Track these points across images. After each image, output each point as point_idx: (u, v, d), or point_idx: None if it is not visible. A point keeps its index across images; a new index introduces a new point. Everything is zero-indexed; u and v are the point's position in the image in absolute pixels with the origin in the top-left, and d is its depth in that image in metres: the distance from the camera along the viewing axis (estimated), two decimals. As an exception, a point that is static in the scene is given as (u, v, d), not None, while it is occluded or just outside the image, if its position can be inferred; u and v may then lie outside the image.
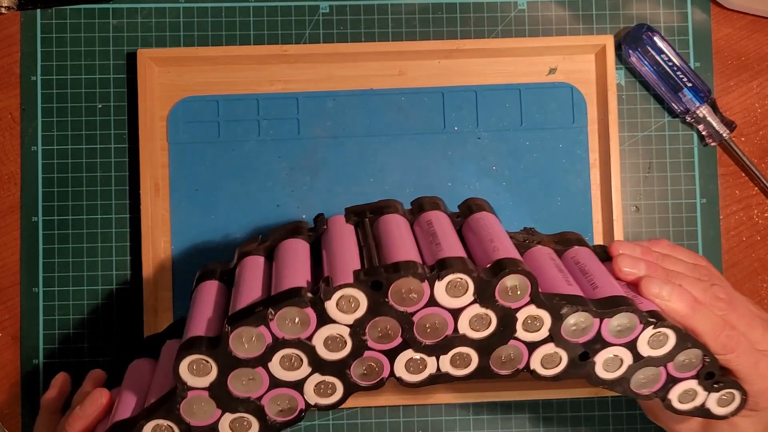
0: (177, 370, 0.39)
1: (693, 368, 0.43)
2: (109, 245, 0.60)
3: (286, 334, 0.39)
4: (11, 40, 0.61)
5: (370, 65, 0.61)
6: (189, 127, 0.60)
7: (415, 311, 0.40)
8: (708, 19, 0.63)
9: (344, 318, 0.39)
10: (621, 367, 0.43)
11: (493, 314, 0.40)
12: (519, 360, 0.42)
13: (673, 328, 0.42)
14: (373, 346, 0.40)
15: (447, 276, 0.39)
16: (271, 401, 0.41)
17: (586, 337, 0.41)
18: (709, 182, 0.62)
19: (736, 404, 0.44)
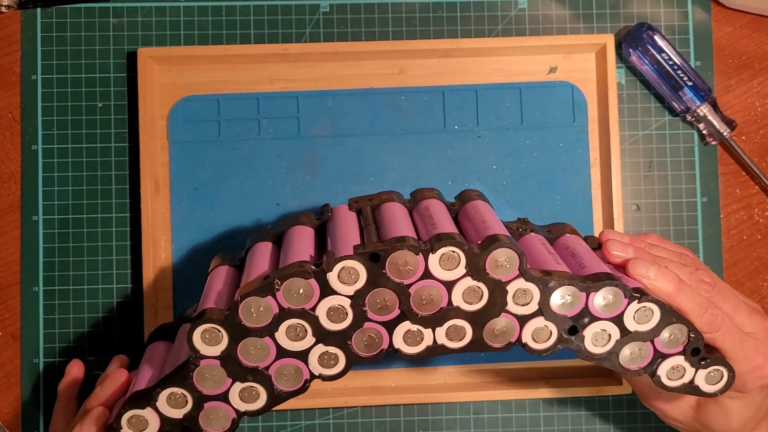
0: (191, 339, 0.42)
1: (679, 344, 0.44)
2: (109, 244, 0.60)
3: (291, 305, 0.42)
4: (11, 39, 0.61)
5: (371, 64, 0.61)
6: (189, 126, 0.60)
7: (411, 283, 0.42)
8: (708, 17, 0.63)
9: (345, 289, 0.42)
10: (609, 342, 0.44)
11: (484, 287, 0.42)
12: (511, 333, 0.43)
13: (657, 302, 0.43)
14: (373, 317, 0.43)
15: (440, 249, 0.41)
16: (278, 371, 0.43)
17: (573, 311, 0.43)
18: (710, 181, 0.62)
19: (724, 382, 0.45)
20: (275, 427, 0.59)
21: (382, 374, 0.60)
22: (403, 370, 0.60)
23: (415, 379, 0.60)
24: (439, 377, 0.60)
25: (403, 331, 0.43)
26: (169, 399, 0.44)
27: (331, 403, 0.58)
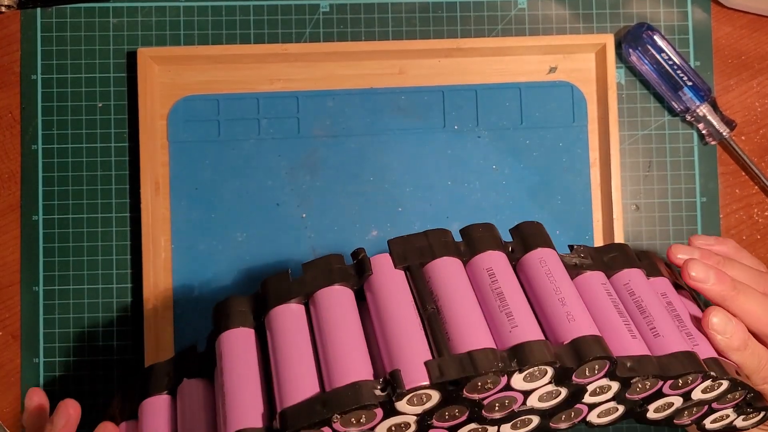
0: None
1: (733, 401, 0.43)
2: (109, 244, 0.60)
3: (348, 429, 0.35)
4: (11, 38, 0.61)
5: (371, 64, 0.61)
6: (189, 125, 0.60)
7: (488, 396, 0.36)
8: (708, 17, 0.63)
9: (413, 410, 0.36)
10: (670, 409, 0.41)
11: (564, 389, 0.38)
12: (578, 416, 0.40)
13: (729, 379, 0.40)
14: (438, 425, 0.37)
15: (527, 369, 0.35)
16: None
17: (646, 393, 0.40)
18: (709, 181, 0.62)
19: (758, 417, 0.45)
20: (275, 427, 0.59)
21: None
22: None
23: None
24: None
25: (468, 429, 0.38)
26: None
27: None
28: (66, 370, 0.59)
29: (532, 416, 0.38)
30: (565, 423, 0.40)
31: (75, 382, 0.59)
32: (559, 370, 0.35)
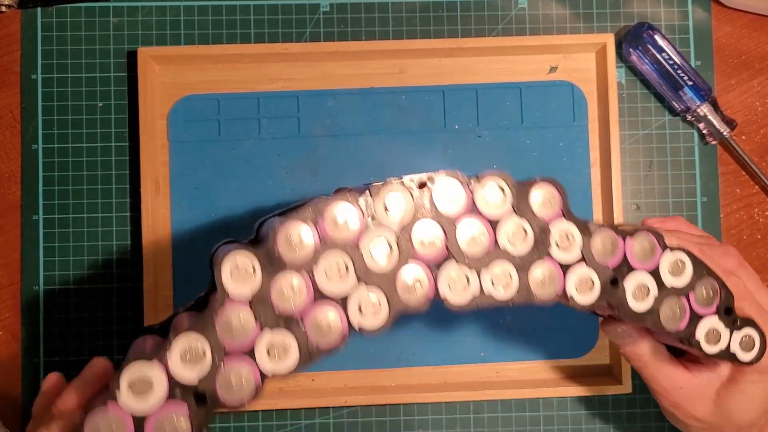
0: (219, 275, 0.37)
1: (712, 303, 0.45)
2: (109, 243, 0.60)
3: (333, 234, 0.39)
4: (12, 38, 0.61)
5: (371, 63, 0.61)
6: (189, 125, 0.60)
7: (457, 215, 0.41)
8: (709, 17, 0.63)
9: (391, 220, 0.40)
10: (649, 297, 0.44)
11: (528, 228, 0.42)
12: (555, 282, 0.42)
13: (688, 253, 0.44)
14: (418, 255, 0.40)
15: (487, 180, 0.41)
16: (313, 322, 0.38)
17: (613, 259, 0.43)
18: (710, 181, 0.62)
19: (757, 348, 0.46)
20: (275, 427, 0.59)
21: (381, 373, 0.60)
22: (403, 370, 0.60)
23: (415, 378, 0.60)
24: (438, 377, 0.60)
25: (449, 273, 0.40)
26: (184, 355, 0.37)
27: (331, 402, 0.58)
28: (67, 370, 0.59)
29: (509, 267, 0.41)
30: (545, 291, 0.42)
31: (75, 381, 0.59)
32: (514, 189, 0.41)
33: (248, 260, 0.37)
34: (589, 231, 0.43)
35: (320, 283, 0.38)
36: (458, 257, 0.41)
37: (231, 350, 0.37)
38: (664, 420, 0.60)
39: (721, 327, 0.45)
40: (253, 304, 0.37)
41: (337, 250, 0.39)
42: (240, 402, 0.37)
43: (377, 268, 0.39)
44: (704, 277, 0.45)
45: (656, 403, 0.60)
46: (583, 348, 0.60)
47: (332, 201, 0.39)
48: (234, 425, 0.59)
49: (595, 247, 0.43)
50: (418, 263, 0.40)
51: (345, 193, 0.39)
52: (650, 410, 0.60)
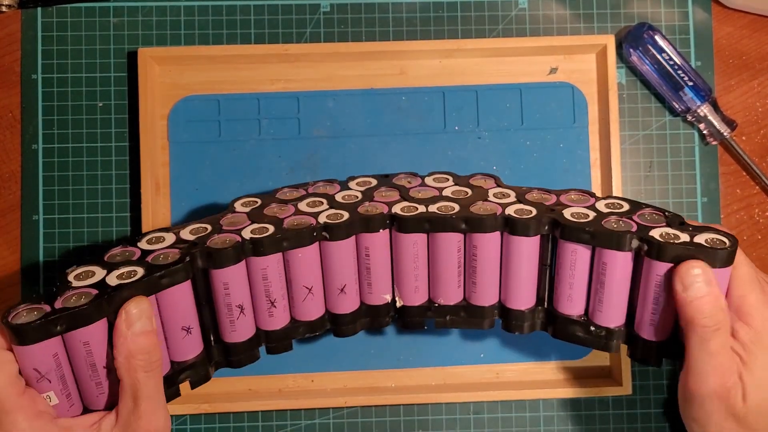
0: (233, 202, 0.52)
1: (660, 221, 0.46)
2: (110, 244, 0.60)
3: (317, 191, 0.53)
4: (12, 38, 0.61)
5: (371, 64, 0.61)
6: (190, 126, 0.60)
7: (411, 187, 0.53)
8: (709, 17, 0.63)
9: (360, 189, 0.53)
10: (588, 218, 0.47)
11: (469, 189, 0.52)
12: (495, 210, 0.48)
13: (625, 199, 0.49)
14: (378, 199, 0.51)
15: (434, 174, 0.55)
16: (291, 220, 0.49)
17: (549, 202, 0.50)
18: (710, 181, 0.62)
19: (728, 242, 0.43)
20: (275, 427, 0.59)
21: (381, 374, 0.60)
22: (403, 371, 0.60)
23: (414, 379, 0.60)
24: (438, 377, 0.60)
25: (402, 205, 0.50)
26: (192, 230, 0.49)
27: (330, 403, 0.58)
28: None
29: (451, 203, 0.49)
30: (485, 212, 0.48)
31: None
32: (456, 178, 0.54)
33: (254, 199, 0.52)
34: (523, 190, 0.52)
35: (302, 208, 0.50)
36: (409, 199, 0.50)
37: (226, 229, 0.48)
38: (664, 421, 0.60)
39: (677, 232, 0.44)
40: (249, 214, 0.50)
41: (317, 197, 0.52)
42: (220, 248, 0.46)
43: (345, 202, 0.51)
44: (644, 208, 0.48)
45: (656, 404, 0.60)
46: (583, 349, 0.60)
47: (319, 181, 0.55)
48: (234, 425, 0.59)
49: (529, 196, 0.50)
50: (378, 203, 0.50)
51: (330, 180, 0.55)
52: (650, 411, 0.60)
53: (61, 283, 0.43)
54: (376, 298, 0.51)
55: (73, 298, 0.42)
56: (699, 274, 0.42)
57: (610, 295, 0.47)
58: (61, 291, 0.42)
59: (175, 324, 0.46)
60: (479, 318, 0.51)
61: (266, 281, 0.48)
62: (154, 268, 0.44)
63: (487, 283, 0.50)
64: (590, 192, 0.51)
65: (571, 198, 0.50)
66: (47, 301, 0.42)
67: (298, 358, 0.59)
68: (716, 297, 0.42)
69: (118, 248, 0.47)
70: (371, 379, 0.60)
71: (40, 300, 0.42)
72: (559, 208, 0.48)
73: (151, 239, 0.48)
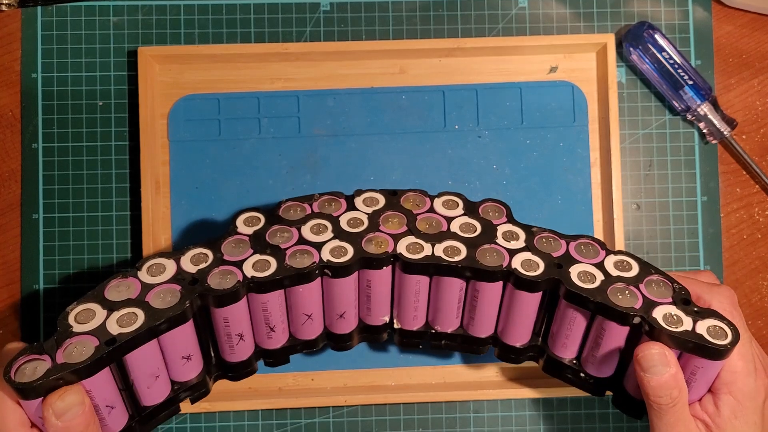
0: (234, 220, 0.51)
1: (667, 296, 0.46)
2: (110, 243, 0.60)
3: (322, 211, 0.51)
4: (12, 37, 0.61)
5: (371, 63, 0.61)
6: (190, 124, 0.60)
7: (419, 213, 0.51)
8: (709, 16, 0.63)
9: (366, 209, 0.51)
10: (595, 282, 0.46)
11: (477, 224, 0.51)
12: (501, 257, 0.48)
13: (634, 257, 0.48)
14: (384, 230, 0.50)
15: (443, 196, 0.53)
16: (293, 252, 0.48)
17: (557, 253, 0.48)
18: (710, 180, 0.62)
19: (730, 336, 0.43)
20: (275, 426, 0.59)
21: (381, 373, 0.60)
22: (403, 369, 0.60)
23: (414, 378, 0.60)
24: (438, 376, 0.60)
25: (407, 242, 0.49)
26: (193, 257, 0.48)
27: (331, 401, 0.58)
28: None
29: (459, 244, 0.49)
30: (491, 262, 0.48)
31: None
32: (467, 204, 0.52)
33: (257, 215, 0.51)
34: (533, 232, 0.50)
35: (305, 235, 0.49)
36: (416, 233, 0.50)
37: (228, 259, 0.48)
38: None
39: (681, 314, 0.44)
40: (252, 238, 0.50)
41: (322, 219, 0.51)
42: (221, 289, 0.46)
43: (350, 230, 0.50)
44: (653, 274, 0.47)
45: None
46: (583, 347, 0.60)
47: (324, 193, 0.53)
48: (234, 424, 0.59)
49: (539, 242, 0.49)
50: (383, 234, 0.49)
51: (336, 192, 0.53)
52: (650, 410, 0.60)
53: (61, 328, 0.43)
54: (374, 320, 0.51)
55: (75, 350, 0.42)
56: (656, 356, 0.43)
57: (603, 354, 0.47)
58: (62, 338, 0.43)
59: (175, 354, 0.47)
60: (475, 346, 0.52)
61: (266, 312, 0.48)
62: (155, 314, 0.44)
63: (485, 319, 0.50)
64: (600, 243, 0.49)
65: (581, 250, 0.49)
66: (48, 351, 0.42)
67: (298, 357, 0.59)
68: (672, 376, 0.43)
69: (117, 278, 0.47)
70: (371, 377, 0.60)
71: (42, 350, 0.42)
72: (566, 265, 0.47)
73: (151, 268, 0.47)
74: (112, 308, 0.45)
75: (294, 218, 0.50)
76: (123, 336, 0.43)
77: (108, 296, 0.46)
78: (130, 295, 0.46)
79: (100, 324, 0.44)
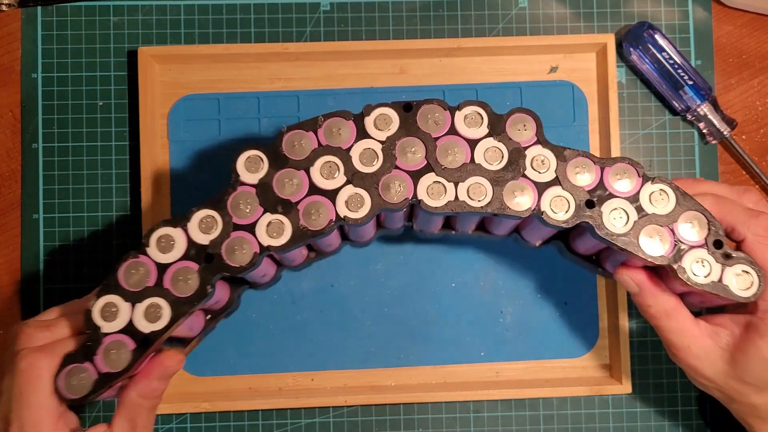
0: (234, 164, 0.46)
1: (700, 236, 0.45)
2: (110, 242, 0.60)
3: (329, 142, 0.46)
4: (12, 37, 0.61)
5: (371, 63, 0.61)
6: (190, 124, 0.60)
7: (438, 136, 0.46)
8: (709, 16, 0.63)
9: (379, 134, 0.46)
10: (628, 223, 0.45)
11: (504, 148, 0.46)
12: (530, 197, 0.46)
13: (671, 185, 0.45)
14: (401, 165, 0.46)
15: (465, 107, 0.46)
16: (306, 208, 0.46)
17: (590, 184, 0.46)
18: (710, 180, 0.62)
19: (756, 286, 0.44)
20: (275, 426, 0.59)
21: (381, 373, 0.60)
22: (404, 369, 0.60)
23: (414, 378, 0.60)
24: (438, 376, 0.60)
25: (428, 183, 0.46)
26: (201, 223, 0.46)
27: (331, 402, 0.58)
28: (67, 369, 0.59)
29: (484, 181, 0.46)
30: (518, 207, 0.45)
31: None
32: (492, 117, 0.46)
33: (258, 154, 0.46)
34: (565, 156, 0.46)
35: (315, 180, 0.46)
36: (436, 168, 0.46)
37: (238, 222, 0.46)
38: (664, 420, 0.60)
39: (711, 260, 0.44)
40: (258, 189, 0.46)
41: (331, 155, 0.46)
42: (239, 265, 0.45)
43: (363, 170, 0.46)
44: (690, 210, 0.45)
45: (656, 403, 0.60)
46: (583, 347, 0.60)
47: (330, 114, 0.46)
48: (234, 424, 0.59)
49: (570, 171, 0.46)
50: (401, 173, 0.46)
51: (343, 111, 0.47)
52: (650, 410, 0.60)
53: (91, 330, 0.44)
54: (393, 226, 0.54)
55: (113, 355, 0.44)
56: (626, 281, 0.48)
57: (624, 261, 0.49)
58: (95, 343, 0.44)
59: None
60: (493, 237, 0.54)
61: (285, 257, 0.51)
62: (179, 304, 0.45)
63: (506, 228, 0.52)
64: (638, 166, 0.46)
65: (616, 176, 0.46)
66: (88, 358, 0.44)
67: (299, 356, 0.59)
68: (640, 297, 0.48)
69: (128, 260, 0.45)
70: (371, 377, 0.60)
71: (83, 359, 0.44)
72: (599, 203, 0.45)
73: (160, 241, 0.45)
74: (133, 300, 0.45)
75: (300, 156, 0.46)
76: (155, 334, 0.44)
77: (124, 284, 0.45)
78: (147, 281, 0.45)
79: (128, 321, 0.44)
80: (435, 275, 0.60)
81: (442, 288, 0.60)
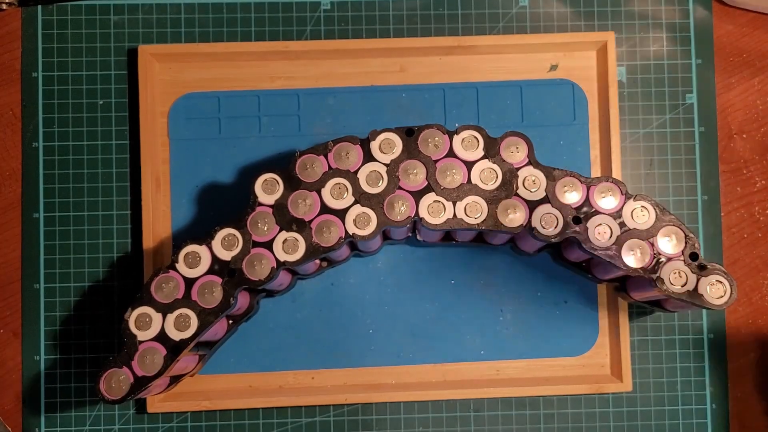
0: (253, 186, 0.51)
1: (677, 249, 0.50)
2: (110, 241, 0.60)
3: (338, 165, 0.51)
4: (12, 36, 0.61)
5: (371, 62, 0.61)
6: (190, 123, 0.60)
7: (438, 159, 0.51)
8: (710, 15, 0.63)
9: (384, 157, 0.51)
10: (611, 237, 0.50)
11: (498, 169, 0.51)
12: (521, 214, 0.51)
13: (652, 202, 0.50)
14: (404, 186, 0.51)
15: (462, 132, 0.52)
16: (318, 226, 0.50)
17: (577, 201, 0.51)
18: (711, 179, 0.62)
19: (727, 295, 0.50)
20: (276, 424, 0.59)
21: (382, 371, 0.60)
22: (404, 368, 0.60)
23: (415, 376, 0.60)
24: (438, 374, 0.60)
25: (428, 202, 0.51)
26: (223, 240, 0.51)
27: (331, 400, 0.58)
28: (67, 368, 0.59)
29: (479, 200, 0.51)
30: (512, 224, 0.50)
31: (77, 379, 0.59)
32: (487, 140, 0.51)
33: (275, 177, 0.51)
34: (554, 176, 0.51)
35: (326, 200, 0.51)
36: (436, 188, 0.51)
37: (257, 240, 0.50)
38: (664, 419, 0.60)
39: (687, 271, 0.49)
40: (274, 209, 0.51)
41: (340, 177, 0.51)
42: (258, 279, 0.50)
43: (369, 191, 0.51)
44: (668, 225, 0.50)
45: (657, 401, 0.60)
46: (584, 346, 0.60)
47: (339, 139, 0.51)
48: (235, 423, 0.59)
49: (559, 190, 0.50)
50: (404, 193, 0.51)
51: (350, 137, 0.51)
52: (650, 409, 0.60)
53: (128, 339, 0.50)
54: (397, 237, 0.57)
55: (147, 360, 0.50)
56: None
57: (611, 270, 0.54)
58: (132, 349, 0.50)
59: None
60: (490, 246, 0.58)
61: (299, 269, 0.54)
62: (206, 315, 0.50)
63: (500, 240, 0.56)
64: (621, 185, 0.51)
65: (601, 195, 0.51)
66: (125, 363, 0.50)
67: (299, 355, 0.59)
68: None
69: (160, 275, 0.50)
70: (372, 376, 0.60)
71: (121, 364, 0.49)
72: (585, 218, 0.50)
73: (187, 257, 0.51)
74: (165, 311, 0.50)
75: (312, 178, 0.51)
76: (184, 342, 0.50)
77: (157, 296, 0.50)
78: (177, 294, 0.50)
79: (160, 330, 0.50)
80: (435, 273, 0.60)
81: (442, 286, 0.60)
